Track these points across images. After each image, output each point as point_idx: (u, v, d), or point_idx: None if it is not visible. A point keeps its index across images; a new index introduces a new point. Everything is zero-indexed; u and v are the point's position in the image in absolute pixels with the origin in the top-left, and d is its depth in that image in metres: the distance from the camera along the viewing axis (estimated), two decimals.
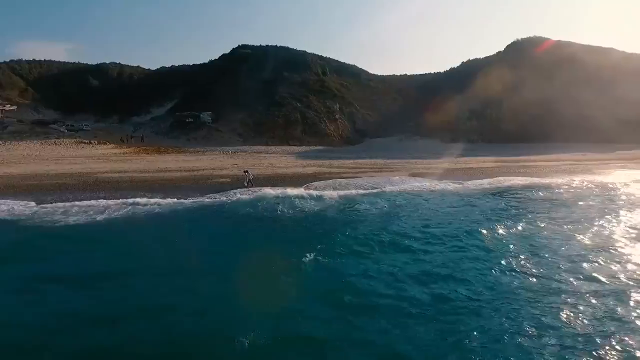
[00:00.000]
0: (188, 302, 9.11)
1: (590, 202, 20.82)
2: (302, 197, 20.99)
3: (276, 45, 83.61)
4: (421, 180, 28.00)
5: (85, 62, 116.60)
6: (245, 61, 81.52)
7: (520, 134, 65.45)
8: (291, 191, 22.45)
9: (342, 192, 22.76)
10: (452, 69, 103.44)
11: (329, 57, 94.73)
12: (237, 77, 74.18)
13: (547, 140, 62.91)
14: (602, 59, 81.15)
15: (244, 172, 26.36)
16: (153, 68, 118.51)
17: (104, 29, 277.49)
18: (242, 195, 21.64)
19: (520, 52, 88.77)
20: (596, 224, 15.99)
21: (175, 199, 19.94)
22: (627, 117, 68.31)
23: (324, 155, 46.43)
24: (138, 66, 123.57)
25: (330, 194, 22.28)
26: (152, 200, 19.51)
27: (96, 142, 47.78)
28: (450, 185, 25.89)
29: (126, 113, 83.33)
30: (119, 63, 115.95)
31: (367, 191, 23.49)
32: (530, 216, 17.59)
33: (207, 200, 20.48)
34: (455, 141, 62.87)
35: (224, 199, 20.78)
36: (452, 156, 47.10)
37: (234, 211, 18.49)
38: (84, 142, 47.08)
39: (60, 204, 18.20)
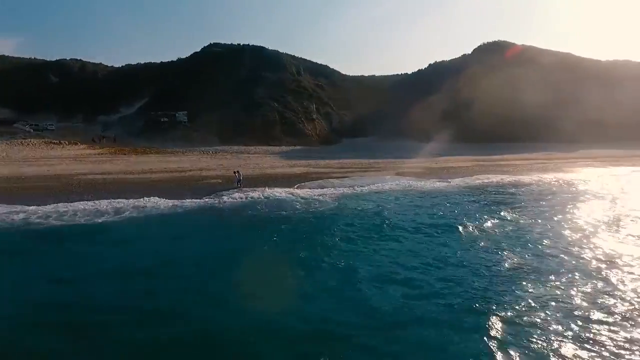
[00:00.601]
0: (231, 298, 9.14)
1: (571, 195, 22.56)
2: (302, 198, 21.08)
3: (251, 45, 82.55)
4: (410, 179, 28.84)
5: (41, 58, 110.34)
6: (218, 60, 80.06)
7: (489, 135, 68.55)
8: (291, 191, 22.54)
9: (340, 191, 23.03)
10: (420, 71, 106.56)
11: (301, 57, 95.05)
12: (212, 76, 72.75)
13: (514, 141, 66.30)
14: (561, 63, 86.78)
15: (234, 172, 26.10)
16: (116, 65, 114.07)
17: (58, 22, 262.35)
18: (240, 195, 21.42)
19: (486, 55, 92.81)
20: (581, 212, 17.58)
21: (176, 200, 19.50)
22: (585, 118, 73.59)
23: (307, 155, 46.57)
24: (100, 63, 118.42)
25: (331, 192, 22.54)
26: (150, 203, 18.96)
27: (66, 143, 45.43)
28: (438, 183, 26.92)
29: (92, 112, 79.61)
30: (80, 59, 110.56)
31: (364, 189, 23.91)
32: (517, 207, 18.87)
33: (207, 200, 20.14)
34: (429, 141, 64.87)
35: (224, 199, 20.48)
36: (430, 156, 48.77)
37: (236, 212, 18.35)
38: (54, 143, 44.66)
39: (60, 206, 17.42)
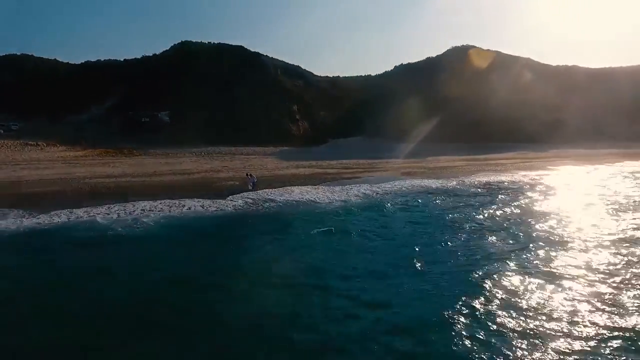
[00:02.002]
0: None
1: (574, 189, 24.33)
2: (339, 199, 21.01)
3: (230, 44, 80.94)
4: (420, 178, 29.74)
5: None
6: (194, 58, 77.81)
7: (464, 135, 71.86)
8: (318, 192, 22.49)
9: (366, 191, 23.23)
10: (388, 72, 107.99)
11: (276, 58, 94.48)
12: (190, 75, 70.74)
13: (487, 141, 69.97)
14: (523, 67, 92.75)
15: (247, 175, 25.84)
16: (72, 62, 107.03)
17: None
18: (271, 197, 20.99)
19: (455, 58, 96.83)
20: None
21: (209, 201, 19.04)
22: (549, 119, 79.30)
23: (301, 156, 46.59)
24: (55, 59, 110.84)
25: (356, 192, 22.72)
26: (191, 205, 18.34)
27: (44, 144, 42.43)
28: (451, 182, 27.98)
29: (57, 112, 74.39)
30: (32, 55, 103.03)
31: (387, 189, 24.22)
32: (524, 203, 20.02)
33: (239, 202, 19.52)
34: (410, 142, 66.75)
35: (249, 201, 19.92)
36: (419, 156, 50.20)
37: (284, 213, 18.05)
38: (30, 144, 41.56)
39: (116, 208, 16.58)
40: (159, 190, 22.27)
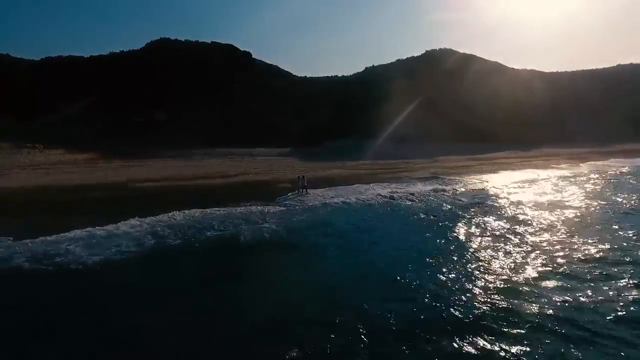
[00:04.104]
0: None
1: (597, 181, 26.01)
2: (419, 198, 20.68)
3: (220, 43, 78.31)
4: (454, 178, 30.05)
5: None
6: (176, 57, 74.55)
7: (452, 135, 74.61)
8: (385, 191, 22.15)
9: (431, 187, 23.33)
10: (357, 73, 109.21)
11: (258, 59, 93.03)
12: (176, 74, 67.75)
13: (472, 141, 73.10)
14: (497, 72, 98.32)
15: (298, 177, 25.27)
16: (27, 58, 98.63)
17: None
18: (342, 198, 20.28)
19: (433, 61, 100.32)
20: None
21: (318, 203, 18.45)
22: (521, 120, 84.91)
23: (314, 157, 46.30)
24: (7, 54, 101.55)
25: (420, 190, 22.66)
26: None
27: (41, 147, 38.94)
28: (495, 181, 28.88)
29: (26, 112, 68.22)
30: None
31: (449, 188, 24.42)
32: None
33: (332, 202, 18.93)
34: (402, 142, 68.17)
35: (352, 200, 19.41)
36: (423, 157, 51.14)
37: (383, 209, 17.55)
38: (27, 147, 37.97)
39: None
40: (224, 192, 21.45)
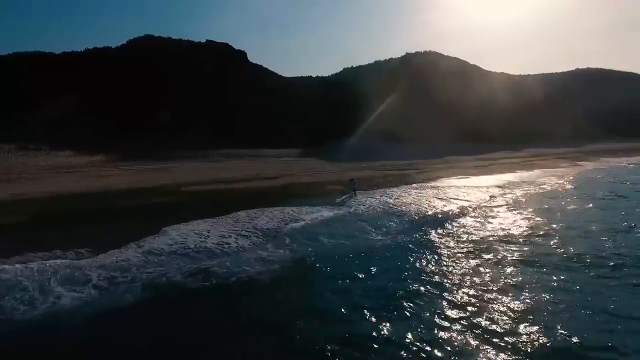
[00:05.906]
0: None
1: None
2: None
3: (213, 41, 75.83)
4: (488, 176, 30.79)
5: None
6: (161, 54, 71.42)
7: (440, 136, 76.17)
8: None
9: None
10: (336, 74, 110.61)
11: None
12: (168, 73, 65.17)
13: (463, 141, 75.30)
14: (480, 75, 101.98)
15: (350, 180, 25.01)
16: None
17: None
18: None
19: (414, 63, 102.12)
20: None
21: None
22: (504, 122, 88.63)
23: (330, 157, 46.02)
24: None
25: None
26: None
27: (48, 149, 36.45)
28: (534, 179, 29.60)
29: (5, 112, 63.32)
30: None
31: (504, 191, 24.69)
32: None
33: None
34: (400, 142, 69.07)
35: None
36: (432, 156, 52.14)
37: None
38: (31, 148, 35.40)
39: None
40: (273, 195, 21.04)
